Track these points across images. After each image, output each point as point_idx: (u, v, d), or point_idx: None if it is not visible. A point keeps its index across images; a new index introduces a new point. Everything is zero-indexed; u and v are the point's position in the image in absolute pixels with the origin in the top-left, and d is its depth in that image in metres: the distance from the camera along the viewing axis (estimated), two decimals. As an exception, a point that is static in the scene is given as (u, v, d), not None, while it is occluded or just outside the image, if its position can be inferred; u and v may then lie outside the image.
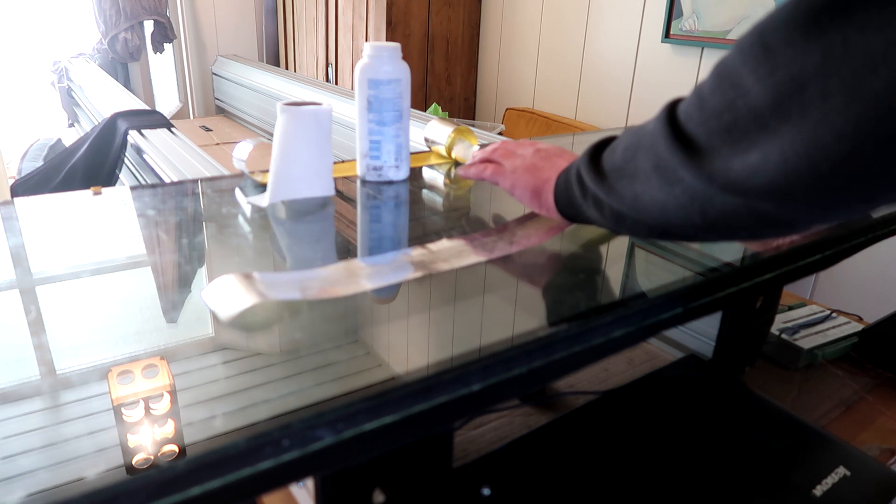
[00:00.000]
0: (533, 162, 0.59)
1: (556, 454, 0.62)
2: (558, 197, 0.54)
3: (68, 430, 0.33)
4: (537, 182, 0.57)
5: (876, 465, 0.63)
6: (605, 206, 0.46)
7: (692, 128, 0.38)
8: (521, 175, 0.59)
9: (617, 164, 0.44)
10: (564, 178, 0.53)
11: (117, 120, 1.61)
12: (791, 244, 0.59)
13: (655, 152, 0.40)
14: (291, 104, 0.68)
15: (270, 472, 0.32)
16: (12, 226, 0.61)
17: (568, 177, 0.52)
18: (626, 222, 0.45)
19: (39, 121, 2.98)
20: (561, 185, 0.53)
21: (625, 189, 0.43)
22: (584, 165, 0.48)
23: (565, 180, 0.53)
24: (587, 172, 0.47)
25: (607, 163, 0.46)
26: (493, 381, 0.40)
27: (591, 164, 0.47)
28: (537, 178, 0.57)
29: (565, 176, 0.53)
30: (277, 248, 0.61)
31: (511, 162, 0.62)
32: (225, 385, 0.37)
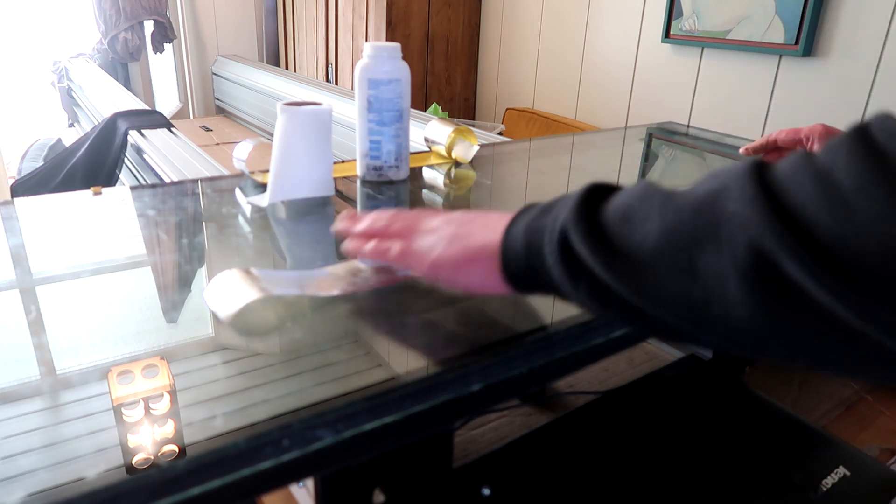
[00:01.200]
0: (453, 232, 0.45)
1: (556, 454, 0.62)
2: (510, 265, 0.40)
3: (68, 430, 0.33)
4: (466, 252, 0.43)
5: (876, 465, 0.63)
6: (613, 296, 0.34)
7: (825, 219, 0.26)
8: (443, 250, 0.44)
9: (651, 246, 0.32)
10: (525, 241, 0.39)
11: (117, 120, 1.61)
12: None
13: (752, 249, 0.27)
14: (291, 104, 0.68)
15: (270, 472, 0.32)
16: (12, 226, 0.61)
17: (533, 240, 0.38)
18: (655, 325, 0.34)
19: (39, 121, 2.98)
20: (516, 249, 0.40)
21: (672, 286, 0.31)
22: (578, 230, 0.35)
23: (526, 244, 0.39)
24: (584, 242, 0.34)
25: (625, 237, 0.33)
26: (493, 381, 0.40)
27: (592, 232, 0.34)
28: (465, 246, 0.43)
29: (526, 238, 0.39)
30: (277, 248, 0.61)
31: (421, 240, 0.46)
32: (225, 385, 0.37)
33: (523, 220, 0.40)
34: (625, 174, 0.92)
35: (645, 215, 0.33)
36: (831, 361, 0.28)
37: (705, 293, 0.29)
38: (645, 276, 0.32)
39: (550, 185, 0.86)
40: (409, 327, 0.47)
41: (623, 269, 0.33)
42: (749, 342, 0.29)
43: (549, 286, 0.38)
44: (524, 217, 0.40)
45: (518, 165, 0.95)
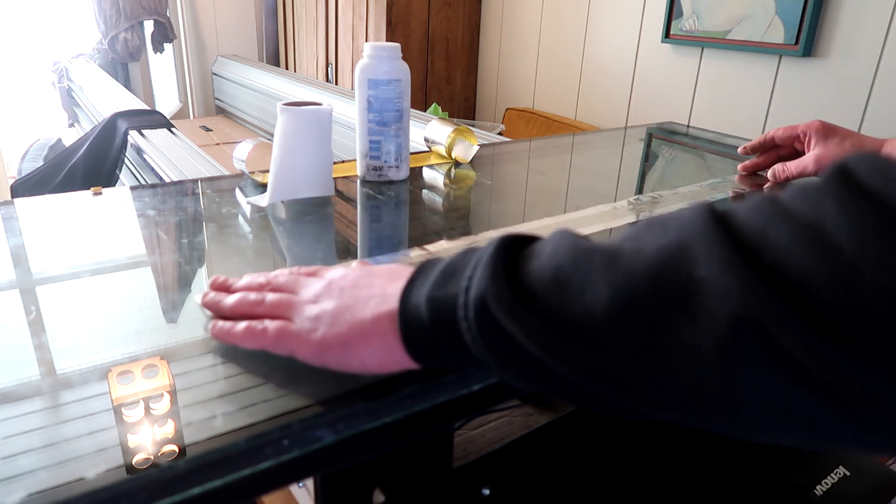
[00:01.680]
0: (337, 304, 0.38)
1: (556, 454, 0.62)
2: (414, 339, 0.35)
3: (68, 430, 0.33)
4: (355, 328, 0.36)
5: (876, 465, 0.63)
6: (551, 375, 0.29)
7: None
8: (328, 329, 0.37)
9: (599, 320, 0.27)
10: (430, 313, 0.33)
11: (117, 120, 1.61)
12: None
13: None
14: (291, 104, 0.68)
15: (270, 472, 0.32)
16: (12, 226, 0.61)
17: (440, 313, 0.33)
18: (602, 404, 0.29)
19: (39, 121, 2.98)
20: (420, 321, 0.34)
21: (628, 364, 0.27)
22: (500, 303, 0.29)
23: (432, 317, 0.33)
24: (511, 317, 0.29)
25: (562, 308, 0.28)
26: (493, 381, 0.40)
27: (519, 304, 0.29)
28: (354, 321, 0.36)
29: (431, 310, 0.33)
30: (277, 248, 0.61)
31: (300, 316, 0.38)
32: (225, 385, 0.37)
33: (423, 286, 0.34)
34: (625, 174, 0.92)
35: (583, 280, 0.28)
36: (813, 436, 0.25)
37: (672, 370, 0.25)
38: (593, 354, 0.27)
39: (550, 185, 0.86)
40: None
41: (563, 346, 0.28)
42: (719, 419, 0.26)
43: (471, 361, 0.32)
44: (422, 281, 0.35)
45: (518, 165, 0.95)
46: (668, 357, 0.25)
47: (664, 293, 0.25)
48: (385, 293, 0.37)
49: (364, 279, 0.39)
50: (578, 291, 0.28)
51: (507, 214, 0.74)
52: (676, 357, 0.25)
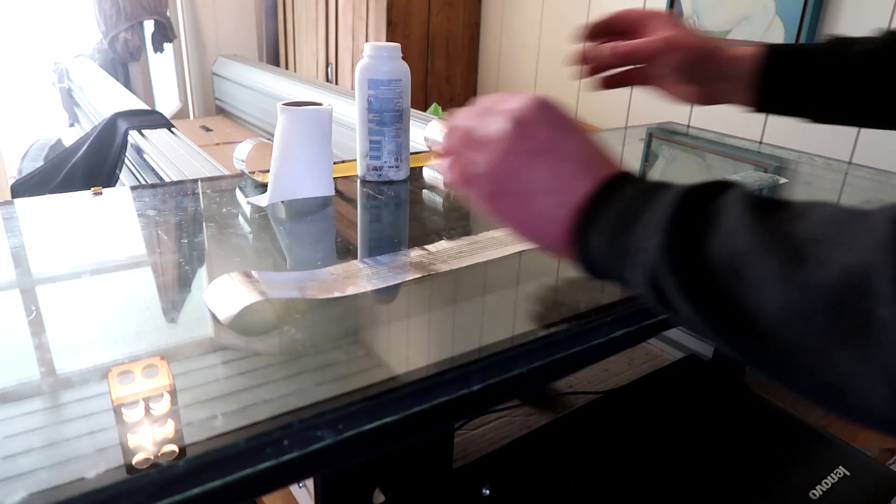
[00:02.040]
0: (524, 189, 0.37)
1: (556, 454, 0.62)
2: (587, 264, 0.36)
3: (68, 430, 0.33)
4: (534, 229, 0.38)
5: (876, 465, 0.63)
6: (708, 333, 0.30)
7: None
8: (510, 211, 0.38)
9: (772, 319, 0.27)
10: (601, 261, 0.35)
11: (117, 120, 1.61)
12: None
13: None
14: (291, 104, 0.68)
15: (270, 471, 0.32)
16: (12, 226, 0.61)
17: (613, 264, 0.34)
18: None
19: (39, 121, 2.98)
20: (593, 259, 0.35)
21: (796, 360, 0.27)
22: (672, 280, 0.30)
23: (604, 265, 0.35)
24: (682, 295, 0.30)
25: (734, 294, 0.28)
26: (493, 381, 0.40)
27: (691, 283, 0.29)
28: (532, 220, 0.38)
29: (602, 259, 0.34)
30: (277, 248, 0.61)
31: (488, 182, 0.38)
32: (225, 385, 0.37)
33: (599, 232, 0.34)
34: (625, 174, 0.92)
35: (760, 277, 0.27)
36: None
37: (841, 381, 0.25)
38: (758, 345, 0.28)
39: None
40: (409, 327, 0.47)
41: (729, 328, 0.29)
42: (879, 427, 0.26)
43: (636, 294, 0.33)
44: (599, 227, 0.34)
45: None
46: (838, 371, 0.25)
47: (840, 323, 0.25)
48: (568, 201, 0.36)
49: (555, 173, 0.37)
50: (753, 284, 0.27)
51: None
52: (846, 374, 0.25)
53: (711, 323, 0.29)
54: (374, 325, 0.48)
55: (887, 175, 0.92)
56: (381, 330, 0.47)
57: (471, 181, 0.39)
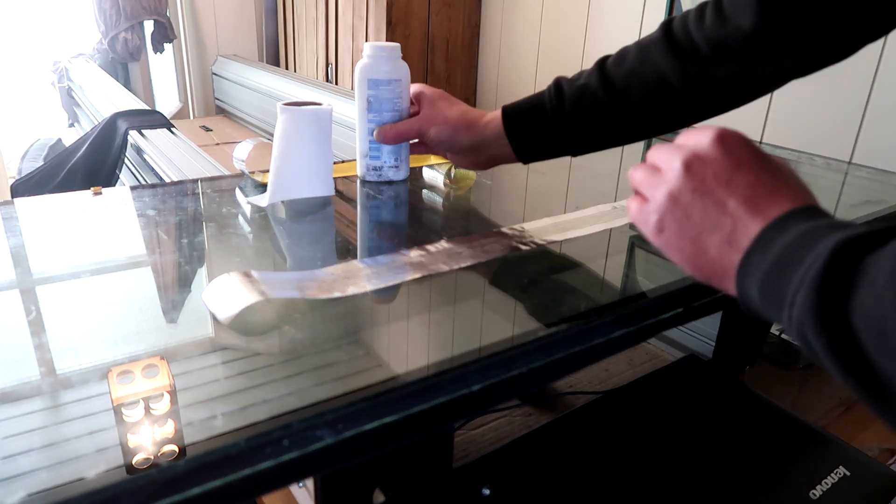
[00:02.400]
0: (691, 236, 0.38)
1: (556, 454, 0.62)
2: (745, 303, 0.36)
3: (68, 430, 0.33)
4: (700, 270, 0.38)
5: (876, 465, 0.63)
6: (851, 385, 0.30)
7: None
8: (678, 256, 0.39)
9: None
10: (760, 302, 0.34)
11: (117, 120, 1.61)
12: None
13: None
14: (291, 104, 0.68)
15: (270, 472, 0.32)
16: (12, 226, 0.61)
17: (770, 308, 0.33)
18: None
19: (39, 121, 2.98)
20: (752, 300, 0.35)
21: None
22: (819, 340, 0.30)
23: (762, 306, 0.34)
24: (828, 357, 0.30)
25: (881, 359, 0.28)
26: (493, 381, 0.40)
27: (836, 345, 0.29)
28: (699, 264, 0.38)
29: (761, 299, 0.34)
30: (277, 248, 0.61)
31: (660, 227, 0.39)
32: (225, 385, 0.37)
33: (756, 278, 0.34)
34: (625, 174, 0.92)
35: None
36: None
37: None
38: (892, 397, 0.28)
39: (550, 185, 0.86)
40: (409, 327, 0.47)
41: (881, 391, 0.28)
42: None
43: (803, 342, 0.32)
44: (757, 273, 0.34)
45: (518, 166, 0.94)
46: None
47: None
48: (732, 240, 0.36)
49: (716, 206, 0.37)
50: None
51: (507, 214, 0.74)
52: None
53: (859, 385, 0.29)
54: (374, 325, 0.48)
55: (887, 175, 0.92)
56: (381, 330, 0.47)
57: (643, 218, 0.41)
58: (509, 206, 0.79)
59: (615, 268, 0.60)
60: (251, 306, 0.43)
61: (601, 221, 0.67)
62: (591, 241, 0.62)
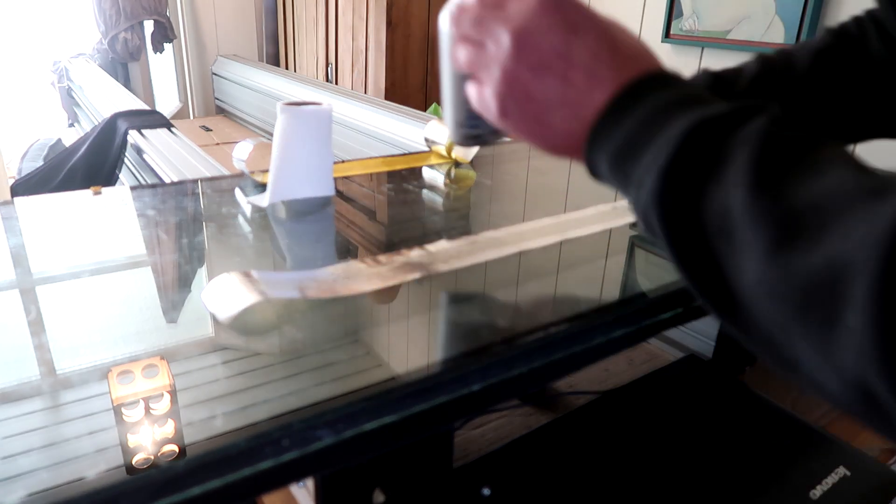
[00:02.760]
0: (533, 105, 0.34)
1: (556, 454, 0.62)
2: (598, 172, 0.33)
3: (68, 430, 0.33)
4: (544, 132, 0.35)
5: (876, 465, 0.63)
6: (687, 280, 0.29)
7: None
8: (518, 119, 0.35)
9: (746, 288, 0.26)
10: (608, 172, 0.32)
11: (117, 120, 1.61)
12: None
13: None
14: (291, 104, 0.68)
15: (270, 472, 0.32)
16: (12, 226, 0.61)
17: (618, 179, 0.32)
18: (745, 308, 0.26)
19: (39, 121, 2.98)
20: (601, 171, 0.33)
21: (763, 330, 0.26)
22: (663, 228, 0.28)
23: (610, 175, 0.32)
24: (670, 246, 0.29)
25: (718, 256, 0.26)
26: (493, 381, 0.40)
27: (678, 238, 0.28)
28: (541, 123, 0.35)
29: (610, 170, 0.32)
30: (277, 248, 0.61)
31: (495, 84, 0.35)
32: (225, 385, 0.37)
33: (604, 154, 0.32)
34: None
35: (747, 243, 0.25)
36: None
37: (798, 364, 0.25)
38: (733, 307, 0.27)
39: (550, 185, 0.86)
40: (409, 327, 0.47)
41: (711, 288, 0.27)
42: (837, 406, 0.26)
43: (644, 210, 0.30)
44: (604, 149, 0.32)
45: (518, 165, 0.95)
46: (796, 359, 0.25)
47: (809, 315, 0.24)
48: (578, 114, 0.33)
49: (558, 80, 0.33)
50: (738, 251, 0.25)
51: (507, 214, 0.74)
52: (804, 364, 0.25)
53: (693, 278, 0.28)
54: (374, 325, 0.48)
55: (887, 175, 0.92)
56: (381, 330, 0.47)
57: (483, 104, 0.37)
58: (509, 205, 0.79)
59: (615, 268, 0.60)
60: (251, 306, 0.43)
61: (601, 221, 0.67)
62: (591, 241, 0.62)
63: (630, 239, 0.65)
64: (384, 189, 0.78)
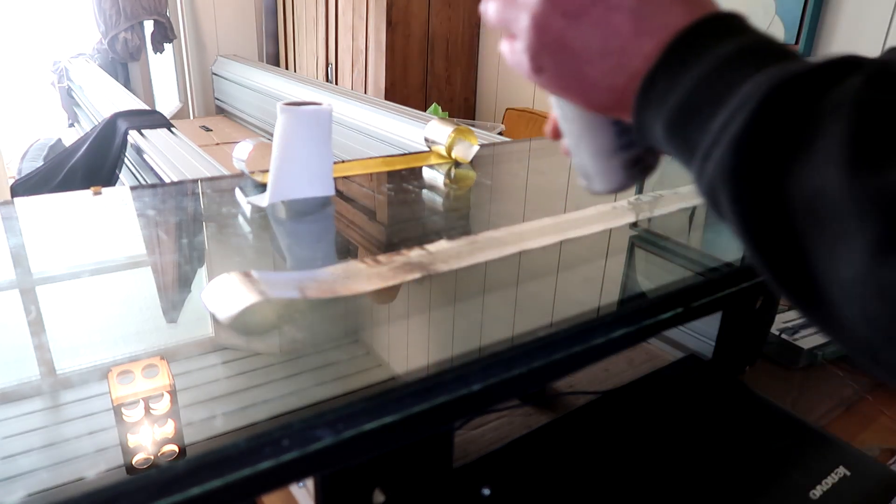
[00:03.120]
0: (570, 58, 0.29)
1: (556, 454, 0.62)
2: (651, 136, 0.28)
3: (68, 430, 0.33)
4: (585, 88, 0.30)
5: (876, 465, 0.63)
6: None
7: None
8: (559, 78, 0.30)
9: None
10: (667, 138, 0.27)
11: (117, 120, 1.61)
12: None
13: None
14: (291, 104, 0.68)
15: (270, 472, 0.32)
16: (12, 226, 0.61)
17: (679, 143, 0.27)
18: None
19: (39, 121, 2.98)
20: (656, 137, 0.28)
21: None
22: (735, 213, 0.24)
23: (669, 141, 0.27)
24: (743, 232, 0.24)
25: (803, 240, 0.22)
26: (493, 381, 0.40)
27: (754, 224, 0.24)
28: (582, 76, 0.29)
29: (668, 136, 0.27)
30: (277, 248, 0.61)
31: (533, 48, 0.30)
32: (225, 385, 0.37)
33: (659, 116, 0.27)
34: (625, 174, 0.92)
35: (848, 234, 0.21)
36: None
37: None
38: (819, 298, 0.23)
39: (550, 185, 0.86)
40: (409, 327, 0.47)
41: (789, 272, 0.24)
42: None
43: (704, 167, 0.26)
44: (659, 110, 0.27)
45: (518, 165, 0.95)
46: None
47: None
48: (624, 65, 0.28)
49: (596, 28, 0.28)
50: (832, 242, 0.21)
51: (507, 214, 0.74)
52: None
53: (770, 266, 0.24)
54: (374, 325, 0.48)
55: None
56: (381, 330, 0.47)
57: (516, 59, 0.32)
58: (509, 205, 0.79)
59: (615, 268, 0.60)
60: (251, 306, 0.43)
61: (601, 221, 0.67)
62: (591, 241, 0.62)
63: (630, 239, 0.65)
64: (384, 189, 0.78)
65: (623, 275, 0.59)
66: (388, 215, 0.71)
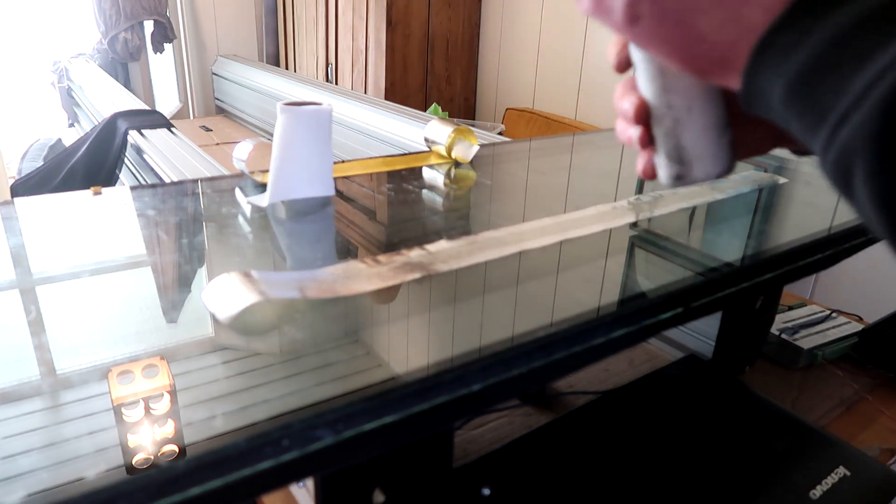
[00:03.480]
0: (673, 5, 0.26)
1: (556, 454, 0.62)
2: (763, 101, 0.25)
3: (68, 430, 0.33)
4: (698, 49, 0.26)
5: (876, 465, 0.63)
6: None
7: None
8: (659, 26, 0.26)
9: None
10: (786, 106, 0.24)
11: (117, 120, 1.61)
12: (789, 244, 0.59)
13: None
14: (291, 104, 0.68)
15: (270, 472, 0.32)
16: (12, 226, 0.61)
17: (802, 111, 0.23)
18: None
19: (39, 121, 2.98)
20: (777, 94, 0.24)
21: None
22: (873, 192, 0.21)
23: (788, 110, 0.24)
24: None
25: None
26: (493, 381, 0.40)
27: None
28: (693, 41, 0.26)
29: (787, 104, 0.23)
30: (277, 248, 0.61)
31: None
32: (225, 385, 0.37)
33: (780, 77, 0.23)
34: (625, 174, 0.92)
35: None
36: None
37: None
38: None
39: (550, 185, 0.86)
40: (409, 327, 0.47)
41: None
42: None
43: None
44: (781, 70, 0.23)
45: (518, 165, 0.95)
46: None
47: None
48: (741, 16, 0.24)
49: None
50: None
51: (507, 214, 0.74)
52: None
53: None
54: (374, 325, 0.48)
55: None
56: (381, 330, 0.47)
57: (604, 6, 0.27)
58: (509, 206, 0.79)
59: (615, 268, 0.60)
60: (251, 306, 0.43)
61: (601, 221, 0.67)
62: (591, 241, 0.62)
63: (630, 239, 0.65)
64: (384, 189, 0.78)
65: (623, 275, 0.59)
66: (388, 215, 0.71)
